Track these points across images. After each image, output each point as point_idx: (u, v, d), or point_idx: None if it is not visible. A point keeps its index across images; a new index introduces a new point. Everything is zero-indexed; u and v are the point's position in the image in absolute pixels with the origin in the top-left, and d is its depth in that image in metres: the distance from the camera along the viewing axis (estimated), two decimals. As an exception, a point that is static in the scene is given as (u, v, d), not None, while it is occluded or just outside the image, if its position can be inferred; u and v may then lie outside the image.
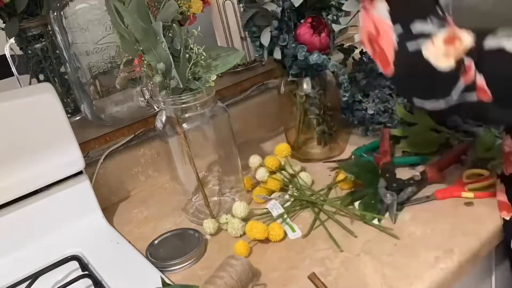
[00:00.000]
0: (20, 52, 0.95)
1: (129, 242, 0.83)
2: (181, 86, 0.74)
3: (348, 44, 1.04)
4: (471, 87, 0.51)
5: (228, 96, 1.14)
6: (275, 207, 0.81)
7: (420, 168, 0.86)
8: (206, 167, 0.91)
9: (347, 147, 1.02)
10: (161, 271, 0.73)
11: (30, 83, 0.96)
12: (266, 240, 0.76)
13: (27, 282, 0.73)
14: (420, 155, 0.89)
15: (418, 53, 0.53)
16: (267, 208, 0.82)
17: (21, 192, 0.82)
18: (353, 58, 1.08)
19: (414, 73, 0.55)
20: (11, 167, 0.80)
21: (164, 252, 0.78)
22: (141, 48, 0.72)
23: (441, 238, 0.71)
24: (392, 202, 0.78)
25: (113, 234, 0.86)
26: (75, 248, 0.82)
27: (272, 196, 0.85)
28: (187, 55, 0.74)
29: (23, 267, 0.78)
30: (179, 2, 0.74)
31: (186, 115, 0.79)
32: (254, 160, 0.93)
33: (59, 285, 0.72)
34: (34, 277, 0.74)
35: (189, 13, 0.78)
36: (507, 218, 0.70)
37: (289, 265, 0.71)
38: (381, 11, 0.57)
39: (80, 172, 0.87)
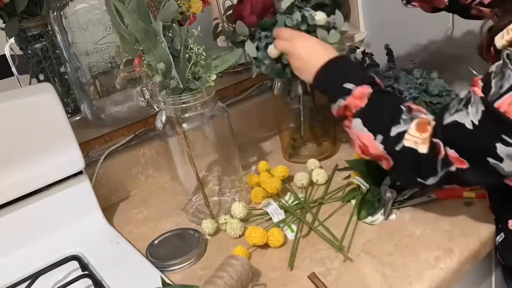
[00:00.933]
0: (20, 52, 0.95)
1: (129, 242, 0.83)
2: (181, 86, 0.74)
3: (348, 44, 1.04)
4: (447, 160, 0.59)
5: (228, 96, 1.14)
6: (276, 212, 0.80)
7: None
8: (206, 167, 0.91)
9: (342, 147, 1.03)
10: (161, 271, 0.73)
11: (30, 83, 0.96)
12: (265, 246, 0.75)
13: (27, 282, 0.73)
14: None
15: (403, 147, 0.63)
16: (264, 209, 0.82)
17: (21, 192, 0.82)
18: (355, 58, 1.08)
19: (408, 163, 0.64)
20: (11, 167, 0.80)
21: (164, 252, 0.78)
22: (141, 48, 0.72)
23: (441, 238, 0.71)
24: (389, 199, 0.78)
25: (113, 234, 0.86)
26: (75, 248, 0.82)
27: (260, 205, 0.83)
28: (187, 55, 0.73)
29: (23, 267, 0.78)
30: (179, 2, 0.74)
31: (186, 115, 0.79)
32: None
33: (59, 285, 0.72)
34: (34, 277, 0.74)
35: (189, 13, 0.78)
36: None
37: (289, 265, 0.71)
38: (358, 125, 0.68)
39: (80, 172, 0.87)
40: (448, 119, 0.59)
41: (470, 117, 0.56)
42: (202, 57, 0.74)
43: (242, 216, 0.80)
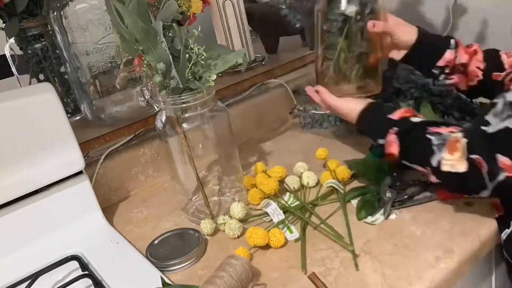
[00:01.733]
0: (20, 52, 0.95)
1: (129, 242, 0.83)
2: (181, 86, 0.74)
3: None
4: (493, 171, 0.60)
5: (228, 96, 1.14)
6: (276, 213, 0.80)
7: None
8: (206, 167, 0.91)
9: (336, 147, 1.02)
10: (161, 271, 0.73)
11: (30, 83, 0.96)
12: (267, 246, 0.75)
13: (27, 282, 0.73)
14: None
15: (444, 173, 0.66)
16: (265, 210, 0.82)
17: (21, 192, 0.82)
18: None
19: (455, 184, 0.68)
20: (11, 167, 0.80)
21: (164, 252, 0.78)
22: (141, 48, 0.72)
23: (441, 238, 0.71)
24: (389, 199, 0.78)
25: (113, 234, 0.86)
26: (75, 248, 0.82)
27: (260, 206, 0.83)
28: (187, 55, 0.74)
29: (23, 267, 0.78)
30: (179, 2, 0.74)
31: (186, 115, 0.79)
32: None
33: (59, 285, 0.72)
34: (34, 277, 0.74)
35: (189, 13, 0.78)
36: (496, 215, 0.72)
37: (289, 265, 0.71)
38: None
39: (80, 172, 0.87)
40: (498, 125, 0.59)
41: None
42: (203, 57, 0.74)
43: (241, 217, 0.80)
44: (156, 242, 0.81)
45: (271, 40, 1.33)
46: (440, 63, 0.84)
